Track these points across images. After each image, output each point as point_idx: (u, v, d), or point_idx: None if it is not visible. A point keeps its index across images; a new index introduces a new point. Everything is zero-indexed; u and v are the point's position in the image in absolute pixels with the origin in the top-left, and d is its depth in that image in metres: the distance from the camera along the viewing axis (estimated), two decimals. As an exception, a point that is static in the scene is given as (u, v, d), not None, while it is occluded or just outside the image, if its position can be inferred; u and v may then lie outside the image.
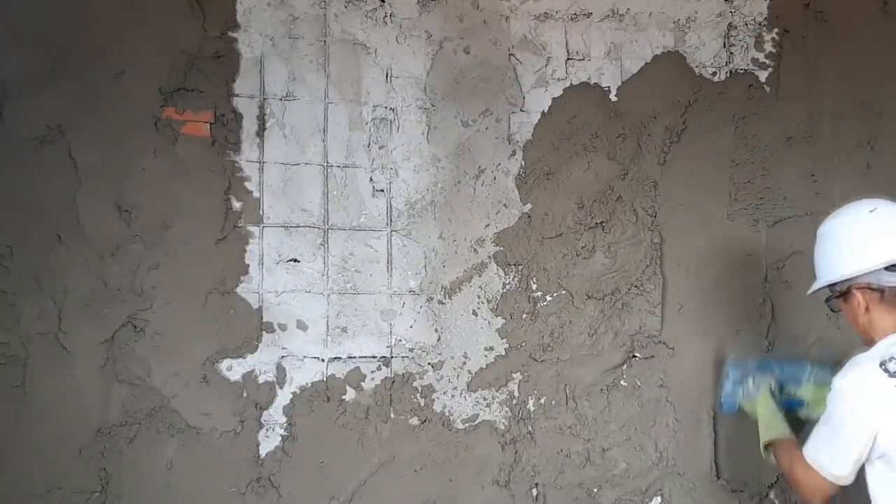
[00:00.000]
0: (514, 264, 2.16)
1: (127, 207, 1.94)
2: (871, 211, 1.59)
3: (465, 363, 2.13)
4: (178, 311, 1.96)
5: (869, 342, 1.60)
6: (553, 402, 2.17)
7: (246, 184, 2.02)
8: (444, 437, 2.10)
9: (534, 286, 2.17)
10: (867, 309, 1.58)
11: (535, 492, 2.15)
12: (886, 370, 1.48)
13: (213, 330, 1.98)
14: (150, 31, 1.97)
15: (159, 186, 1.96)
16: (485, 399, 2.14)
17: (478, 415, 2.13)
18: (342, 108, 2.09)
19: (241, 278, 2.01)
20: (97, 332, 1.92)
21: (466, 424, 2.12)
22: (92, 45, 1.94)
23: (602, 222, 2.20)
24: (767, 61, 2.33)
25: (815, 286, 1.69)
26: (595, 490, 2.17)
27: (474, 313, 2.14)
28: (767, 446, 1.81)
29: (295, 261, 2.05)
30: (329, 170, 2.08)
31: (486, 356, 2.14)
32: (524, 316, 2.16)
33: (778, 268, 2.28)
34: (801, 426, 1.85)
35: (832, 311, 1.71)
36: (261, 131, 2.04)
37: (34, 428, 1.88)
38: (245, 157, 2.02)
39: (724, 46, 2.31)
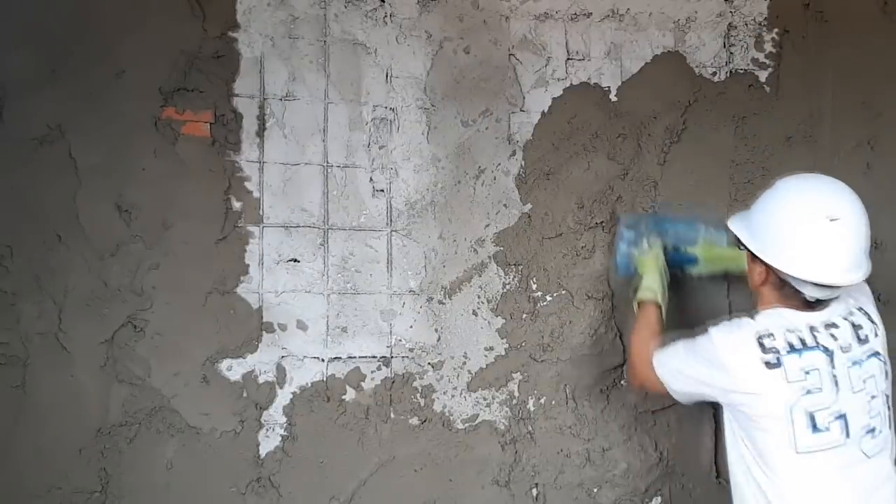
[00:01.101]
0: (514, 264, 2.16)
1: (127, 207, 1.95)
2: (830, 221, 1.51)
3: (465, 363, 2.13)
4: (178, 311, 1.96)
5: (754, 305, 1.62)
6: (553, 402, 2.17)
7: (246, 184, 2.02)
8: (444, 437, 2.10)
9: (534, 286, 2.17)
10: (764, 282, 1.59)
11: (535, 492, 2.15)
12: (761, 345, 1.50)
13: (213, 330, 1.98)
14: (150, 31, 1.97)
15: (159, 186, 1.96)
16: (485, 399, 2.14)
17: (478, 415, 2.13)
18: (342, 108, 2.09)
19: (241, 278, 2.01)
20: (97, 332, 1.92)
21: (466, 424, 2.12)
22: (92, 45, 1.94)
23: (602, 222, 2.20)
24: (767, 61, 2.33)
25: (737, 229, 1.64)
26: (595, 490, 2.18)
27: (474, 313, 2.14)
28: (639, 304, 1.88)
29: (295, 261, 2.05)
30: (329, 170, 2.08)
31: (486, 356, 2.14)
32: (524, 316, 2.16)
33: (778, 268, 2.28)
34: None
35: (737, 246, 1.68)
36: (261, 131, 2.04)
37: (34, 428, 1.88)
38: (245, 157, 2.03)
39: (724, 46, 2.31)
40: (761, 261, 1.57)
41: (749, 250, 1.61)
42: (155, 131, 1.97)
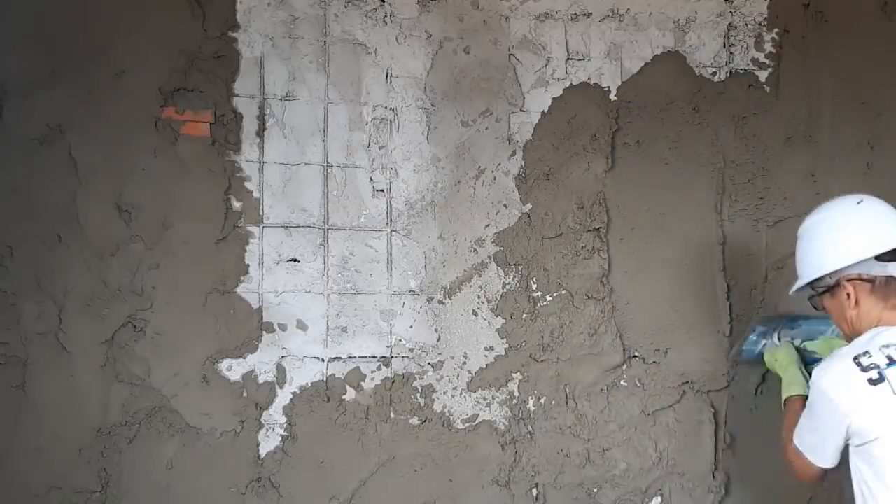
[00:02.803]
0: (514, 264, 2.16)
1: (127, 207, 1.95)
2: (857, 203, 1.59)
3: (465, 363, 2.13)
4: (178, 311, 1.96)
5: (854, 338, 1.58)
6: (553, 402, 2.17)
7: (246, 184, 2.02)
8: (444, 437, 2.10)
9: (534, 286, 2.17)
10: (857, 302, 1.56)
11: (535, 492, 2.15)
12: (859, 364, 1.47)
13: (213, 330, 1.98)
14: (150, 31, 1.97)
15: (159, 186, 1.96)
16: (485, 399, 2.14)
17: (478, 415, 2.13)
18: (342, 108, 2.09)
19: (241, 278, 2.01)
20: (97, 332, 1.92)
21: (466, 424, 2.12)
22: (92, 45, 1.94)
23: (600, 227, 2.20)
24: (767, 61, 2.33)
25: (802, 282, 1.65)
26: (595, 490, 2.17)
27: (474, 313, 2.14)
28: (786, 402, 1.83)
29: (295, 261, 2.05)
30: (329, 170, 2.08)
31: (486, 356, 2.14)
32: (524, 316, 2.16)
33: (778, 268, 2.28)
34: None
35: (816, 309, 1.67)
36: (261, 131, 2.04)
37: (34, 428, 1.88)
38: (245, 157, 2.03)
39: (724, 46, 2.31)
40: (839, 286, 1.56)
41: (823, 288, 1.60)
42: (155, 131, 1.97)
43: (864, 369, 1.47)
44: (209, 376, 1.98)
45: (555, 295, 2.18)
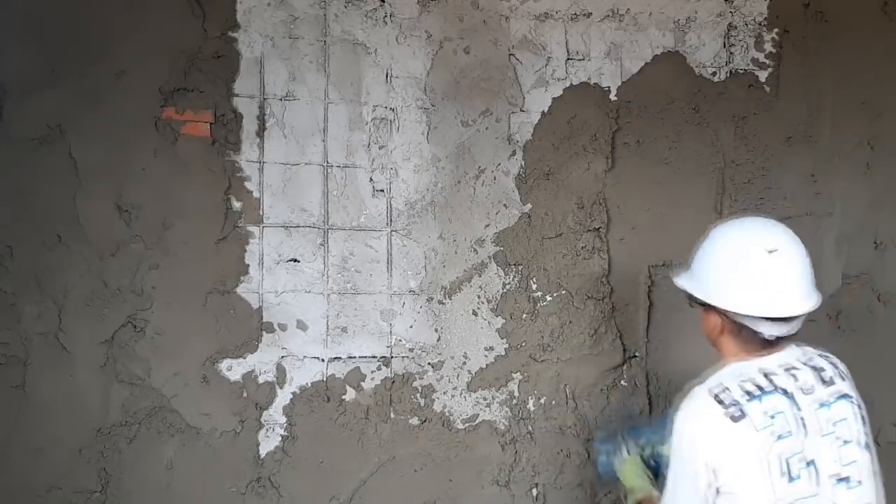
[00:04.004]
0: (514, 264, 2.16)
1: (127, 207, 1.95)
2: (769, 253, 1.45)
3: (465, 363, 2.13)
4: (178, 311, 1.96)
5: (718, 357, 1.53)
6: (553, 402, 2.17)
7: (246, 184, 2.02)
8: (444, 437, 2.10)
9: (534, 286, 2.17)
10: (721, 332, 1.50)
11: (535, 492, 2.15)
12: (720, 401, 1.40)
13: (213, 330, 1.98)
14: (150, 31, 1.97)
15: (159, 186, 1.96)
16: (485, 399, 2.14)
17: (478, 415, 2.13)
18: (342, 108, 2.09)
19: (241, 278, 2.01)
20: (97, 332, 1.92)
21: (466, 424, 2.12)
22: (92, 46, 1.94)
23: (600, 228, 2.20)
24: (767, 61, 2.33)
25: (683, 284, 1.57)
26: (595, 490, 2.17)
27: (474, 313, 2.14)
28: None
29: (295, 261, 2.05)
30: (329, 170, 2.08)
31: (486, 356, 2.14)
32: (524, 316, 2.16)
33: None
34: None
35: (690, 306, 1.60)
36: (261, 131, 2.04)
37: (34, 428, 1.88)
38: (245, 157, 2.03)
39: (724, 46, 2.31)
40: (714, 310, 1.50)
41: (700, 303, 1.54)
42: (155, 131, 1.97)
43: (726, 406, 1.40)
44: (209, 376, 1.98)
45: (555, 295, 2.18)
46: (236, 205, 2.01)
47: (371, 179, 2.10)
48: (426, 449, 2.09)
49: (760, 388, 1.41)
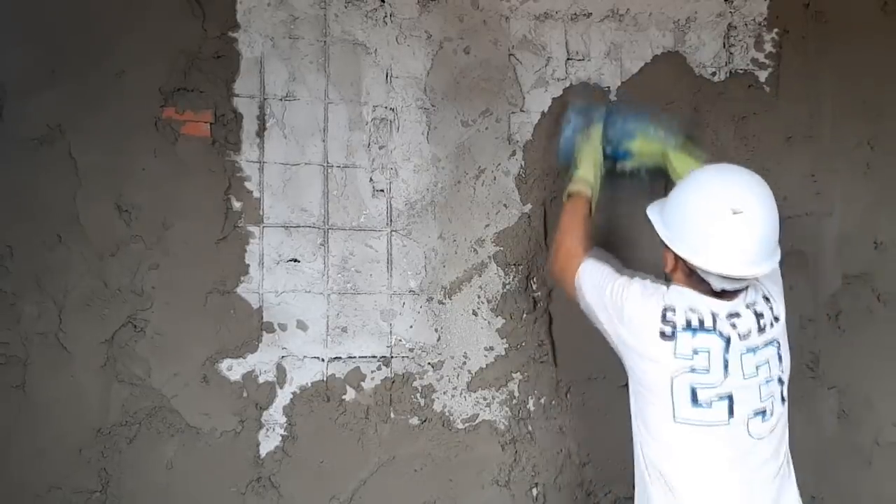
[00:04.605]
0: (514, 264, 2.16)
1: (127, 207, 1.95)
2: (733, 213, 1.50)
3: (465, 363, 2.13)
4: (178, 311, 1.96)
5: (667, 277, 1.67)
6: (553, 402, 2.17)
7: (246, 184, 2.02)
8: (444, 437, 2.10)
9: (534, 286, 2.17)
10: (674, 269, 1.63)
11: (535, 492, 2.15)
12: (664, 316, 1.57)
13: (213, 330, 1.98)
14: (150, 31, 1.97)
15: (159, 186, 1.96)
16: (485, 399, 2.14)
17: (478, 415, 2.13)
18: (342, 108, 2.09)
19: (242, 278, 2.01)
20: (97, 332, 1.92)
21: (466, 424, 2.12)
22: (92, 46, 1.94)
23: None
24: (767, 61, 2.33)
25: (652, 216, 1.67)
26: (595, 490, 2.17)
27: (474, 313, 2.14)
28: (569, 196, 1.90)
29: (295, 261, 2.05)
30: (329, 170, 2.08)
31: (486, 356, 2.14)
32: (524, 316, 2.16)
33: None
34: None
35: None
36: (261, 131, 2.04)
37: (34, 428, 1.88)
38: (245, 157, 2.03)
39: (724, 46, 2.31)
40: (670, 249, 1.62)
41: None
42: (155, 131, 1.97)
43: (665, 322, 1.56)
44: (209, 376, 1.98)
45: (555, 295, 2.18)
46: (236, 205, 2.01)
47: (371, 179, 2.10)
48: (426, 449, 2.09)
49: (701, 324, 1.56)
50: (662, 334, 1.56)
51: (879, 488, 2.32)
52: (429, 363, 2.11)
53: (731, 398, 1.55)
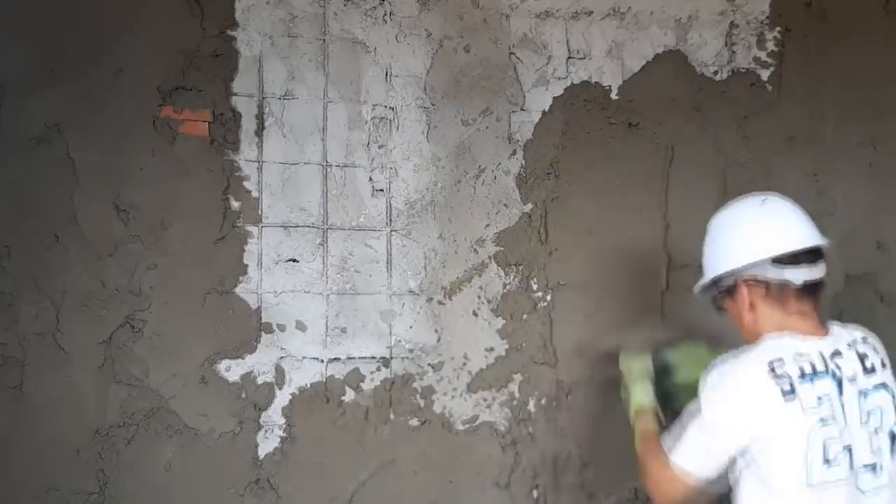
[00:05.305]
0: (515, 264, 2.15)
1: (125, 207, 1.94)
2: (761, 202, 1.53)
3: (465, 364, 2.12)
4: (176, 311, 1.95)
5: (753, 341, 1.48)
6: (554, 404, 2.16)
7: (245, 183, 2.01)
8: (444, 439, 2.09)
9: (534, 286, 2.16)
10: (752, 305, 1.49)
11: (535, 493, 2.14)
12: (773, 371, 1.37)
13: (211, 330, 1.97)
14: (149, 30, 1.96)
15: (158, 186, 1.95)
16: (485, 400, 2.13)
17: (478, 416, 2.12)
18: (341, 107, 2.08)
19: (240, 278, 2.00)
20: (95, 332, 1.91)
21: (466, 426, 2.11)
22: (90, 45, 1.93)
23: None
24: (769, 60, 2.32)
25: (702, 281, 1.58)
26: (596, 492, 2.16)
27: (474, 314, 2.13)
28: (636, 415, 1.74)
29: (294, 261, 2.04)
30: (328, 169, 2.07)
31: (486, 357, 2.13)
32: (525, 316, 2.15)
33: (780, 268, 2.27)
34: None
35: (718, 310, 1.60)
36: (260, 130, 2.03)
37: (32, 429, 1.87)
38: (244, 156, 2.02)
39: (726, 45, 2.30)
40: (736, 287, 1.50)
41: (724, 288, 1.54)
42: (153, 130, 1.96)
43: (778, 378, 1.37)
44: (208, 377, 1.97)
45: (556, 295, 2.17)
46: (235, 204, 2.00)
47: (371, 179, 2.09)
48: (426, 450, 2.08)
49: (814, 369, 1.40)
50: (783, 393, 1.36)
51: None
52: (429, 364, 2.10)
53: (850, 449, 1.39)
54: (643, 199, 2.22)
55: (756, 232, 1.49)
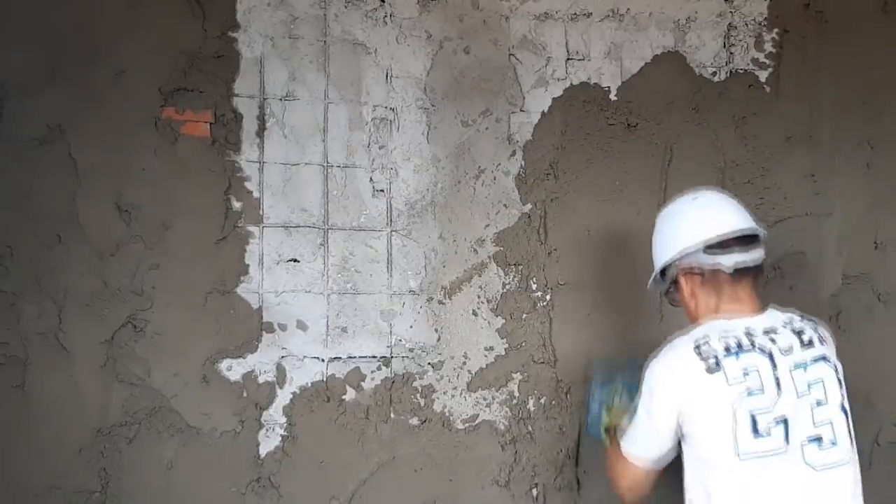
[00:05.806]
0: (514, 264, 2.16)
1: (127, 207, 1.94)
2: (693, 199, 1.63)
3: (465, 363, 2.13)
4: (178, 311, 1.96)
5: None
6: (553, 402, 2.17)
7: (246, 184, 2.02)
8: (445, 438, 2.10)
9: (534, 286, 2.17)
10: (693, 293, 1.59)
11: (535, 492, 2.15)
12: (699, 353, 1.47)
13: (213, 330, 1.98)
14: (150, 30, 1.97)
15: (159, 186, 1.96)
16: (485, 399, 2.13)
17: (478, 415, 2.13)
18: (342, 108, 2.09)
19: (241, 278, 2.01)
20: (97, 332, 1.92)
21: (466, 424, 2.12)
22: (92, 45, 1.94)
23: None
24: (767, 61, 2.33)
25: (651, 277, 1.69)
26: (595, 491, 2.17)
27: (474, 313, 2.14)
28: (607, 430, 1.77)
29: (295, 261, 2.05)
30: (329, 170, 2.08)
31: (486, 356, 2.14)
32: (524, 316, 2.16)
33: (778, 267, 2.28)
34: None
35: (672, 305, 1.69)
36: (261, 131, 2.04)
37: (34, 428, 1.88)
38: (245, 157, 2.02)
39: (725, 46, 2.31)
40: (680, 277, 1.60)
41: (671, 281, 1.64)
42: (155, 131, 1.97)
43: (704, 358, 1.46)
44: (209, 376, 1.97)
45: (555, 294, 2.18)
46: (236, 205, 2.01)
47: (371, 179, 2.10)
48: (426, 449, 2.09)
49: (740, 345, 1.47)
50: (707, 369, 1.45)
51: (879, 488, 2.32)
52: (429, 363, 2.11)
53: (786, 421, 1.43)
54: (642, 199, 2.23)
55: (688, 221, 1.59)
